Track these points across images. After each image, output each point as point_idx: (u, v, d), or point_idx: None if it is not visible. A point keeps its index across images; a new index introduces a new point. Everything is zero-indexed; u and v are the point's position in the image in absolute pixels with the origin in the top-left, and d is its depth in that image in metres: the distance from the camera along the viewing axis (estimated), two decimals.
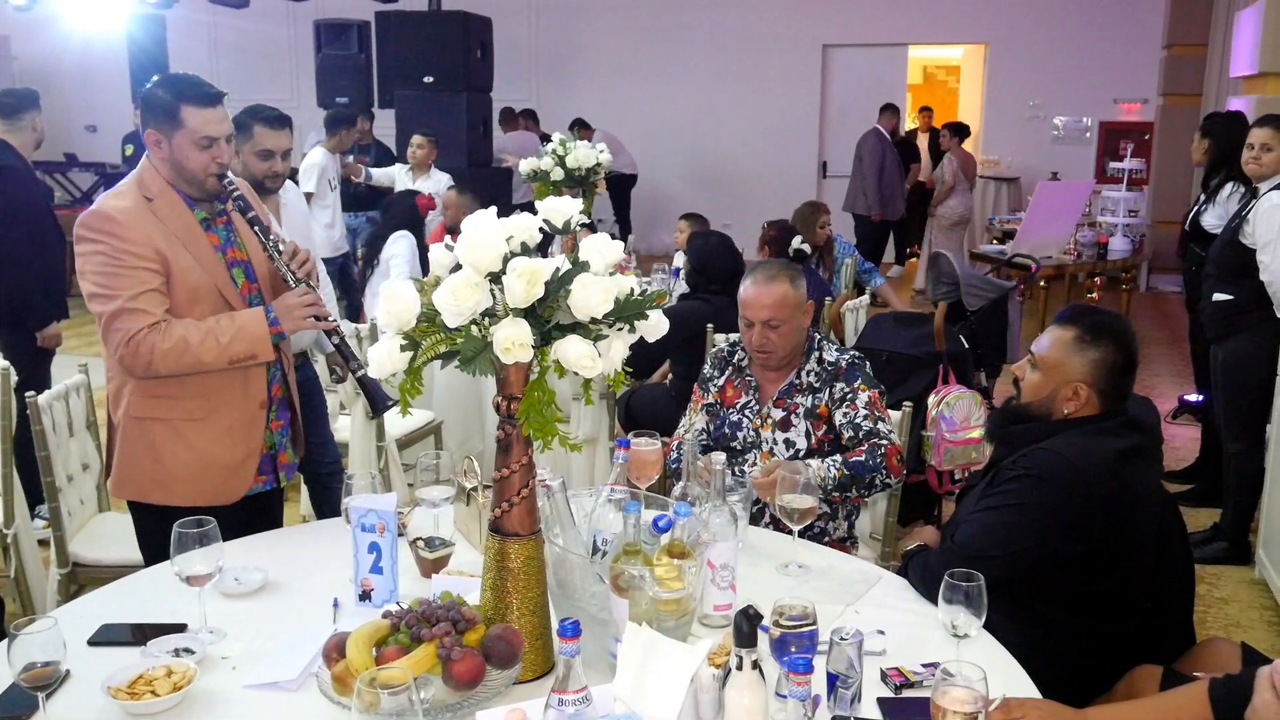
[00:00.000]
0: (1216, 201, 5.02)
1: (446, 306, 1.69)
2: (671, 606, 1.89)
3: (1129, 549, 2.26)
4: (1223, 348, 4.43)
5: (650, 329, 1.81)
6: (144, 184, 2.62)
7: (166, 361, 2.50)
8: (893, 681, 1.90)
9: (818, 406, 2.94)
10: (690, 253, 4.91)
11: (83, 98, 13.21)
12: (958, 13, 11.71)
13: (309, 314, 2.64)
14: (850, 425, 2.88)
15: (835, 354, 3.00)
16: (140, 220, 2.55)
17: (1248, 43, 6.23)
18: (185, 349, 2.51)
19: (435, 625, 1.75)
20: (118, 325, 2.50)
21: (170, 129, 2.57)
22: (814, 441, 2.93)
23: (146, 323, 2.49)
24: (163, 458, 2.65)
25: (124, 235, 2.51)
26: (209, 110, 2.59)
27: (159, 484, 2.67)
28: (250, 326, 2.58)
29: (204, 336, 2.53)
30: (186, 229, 2.63)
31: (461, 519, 2.53)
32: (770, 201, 10.90)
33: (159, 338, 2.49)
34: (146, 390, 2.62)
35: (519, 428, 1.80)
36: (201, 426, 2.66)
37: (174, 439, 2.64)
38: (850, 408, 2.90)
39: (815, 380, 2.97)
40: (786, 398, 2.98)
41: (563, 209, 1.86)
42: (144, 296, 2.51)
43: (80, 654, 1.95)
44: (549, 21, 12.82)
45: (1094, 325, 2.34)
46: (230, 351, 2.55)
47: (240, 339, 2.55)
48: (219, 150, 2.61)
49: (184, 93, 2.58)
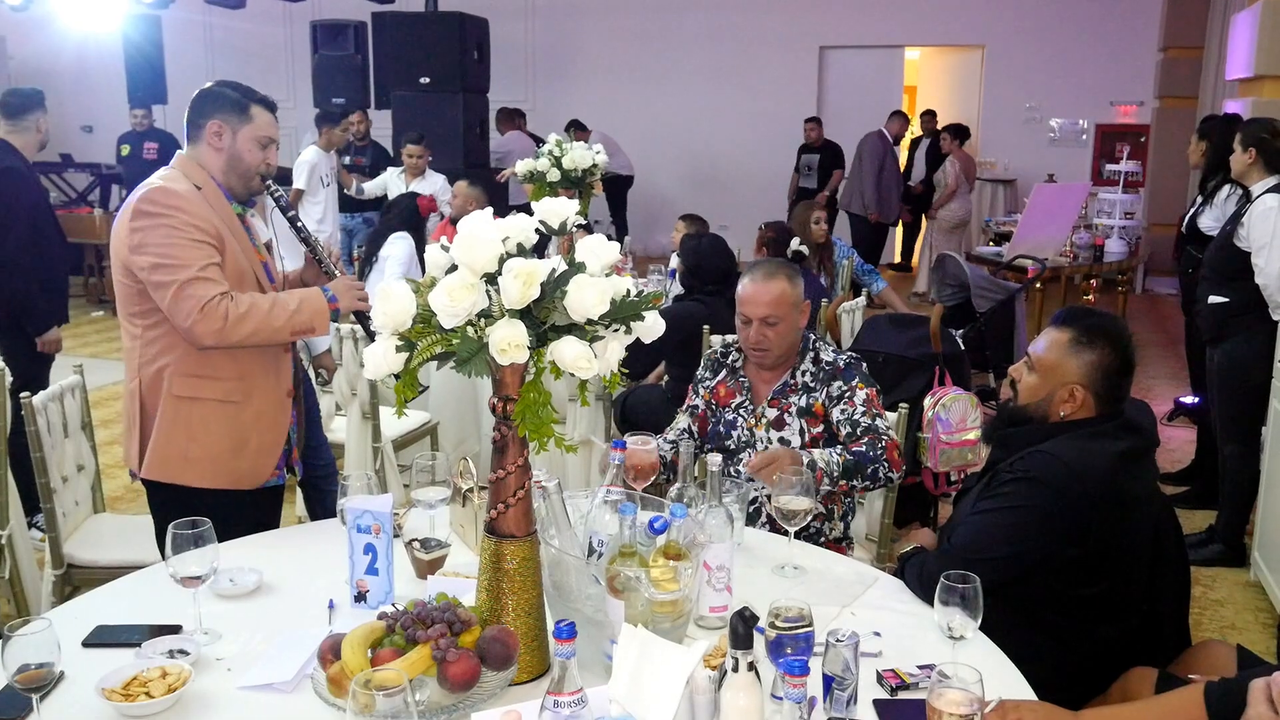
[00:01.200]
0: (1214, 204, 5.03)
1: (442, 307, 1.68)
2: (667, 608, 1.88)
3: (1125, 552, 2.26)
4: (1218, 350, 4.43)
5: (646, 330, 1.81)
6: (190, 175, 2.74)
7: (240, 327, 2.60)
8: (888, 683, 1.90)
9: (813, 405, 2.94)
10: (683, 254, 4.92)
11: (79, 98, 13.20)
12: (954, 15, 11.73)
13: (361, 296, 2.84)
14: (849, 422, 2.88)
15: (832, 354, 3.01)
16: (197, 201, 2.68)
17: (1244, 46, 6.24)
18: (258, 315, 2.63)
19: (431, 627, 1.75)
20: (190, 292, 2.57)
21: (239, 122, 2.75)
22: (808, 439, 2.93)
23: (218, 291, 2.59)
24: (199, 437, 2.74)
25: (190, 210, 2.63)
26: (270, 114, 2.82)
27: (192, 463, 2.75)
28: (312, 299, 2.75)
29: (273, 304, 2.67)
30: (229, 219, 2.77)
31: (457, 520, 2.52)
32: (766, 203, 10.92)
33: (231, 304, 2.60)
34: (190, 369, 2.71)
35: (515, 429, 1.80)
36: (238, 409, 2.77)
37: (212, 419, 2.75)
38: (849, 404, 2.90)
39: (811, 380, 2.97)
40: (781, 397, 2.98)
41: (559, 210, 1.86)
42: (212, 268, 2.62)
43: (75, 655, 1.94)
44: (546, 23, 12.82)
45: (1090, 327, 2.34)
46: (295, 321, 2.69)
47: (304, 310, 2.71)
48: (272, 153, 2.81)
49: (252, 94, 2.80)
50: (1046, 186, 8.44)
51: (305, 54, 10.78)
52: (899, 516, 3.34)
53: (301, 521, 4.02)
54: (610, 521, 2.06)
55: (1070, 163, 11.40)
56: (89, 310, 9.86)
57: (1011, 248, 7.58)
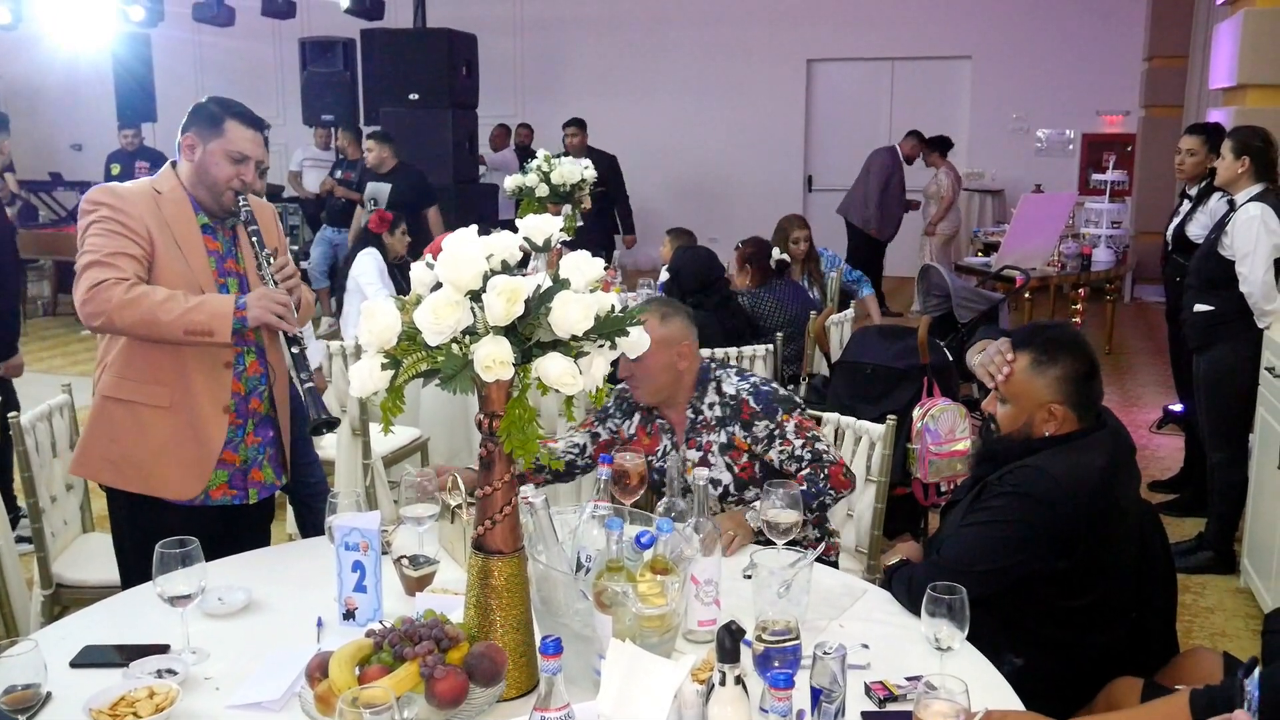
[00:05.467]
0: (1204, 210, 5.03)
1: (427, 325, 1.69)
2: (655, 623, 1.89)
3: (1113, 563, 2.27)
4: (1204, 358, 4.45)
5: (631, 346, 1.82)
6: (157, 180, 2.74)
7: (125, 313, 2.51)
8: (876, 695, 1.91)
9: (732, 439, 2.83)
10: (670, 262, 4.99)
11: (68, 116, 13.20)
12: (941, 27, 11.79)
13: (277, 310, 2.61)
14: (792, 460, 2.79)
15: (735, 385, 2.86)
16: (139, 200, 2.65)
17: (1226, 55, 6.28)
18: (148, 303, 2.51)
19: (418, 644, 1.75)
20: (87, 275, 2.54)
21: (209, 136, 2.71)
22: (739, 471, 2.85)
23: (114, 275, 2.53)
24: (119, 438, 2.69)
25: (119, 206, 2.62)
26: (250, 130, 2.75)
27: (112, 465, 2.71)
28: (215, 303, 2.59)
29: (167, 297, 2.54)
30: (185, 227, 2.71)
31: (446, 536, 2.53)
32: (756, 216, 10.92)
33: (122, 290, 2.51)
34: (119, 370, 2.68)
35: (501, 445, 1.80)
36: (162, 415, 2.68)
37: (133, 423, 2.68)
38: (784, 444, 2.79)
39: (721, 412, 2.84)
40: (695, 436, 2.87)
41: (543, 227, 1.87)
42: (121, 257, 2.56)
43: (62, 676, 1.94)
44: (534, 38, 12.86)
45: (1047, 343, 2.33)
46: (188, 319, 2.52)
47: (202, 310, 2.54)
48: (246, 169, 2.72)
49: (232, 108, 2.75)
50: (1033, 197, 8.48)
51: (294, 71, 10.81)
52: (889, 528, 3.34)
53: (292, 539, 4.01)
54: (598, 536, 2.06)
55: (1057, 172, 11.45)
56: (78, 329, 9.82)
57: (999, 258, 7.61)
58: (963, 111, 12.10)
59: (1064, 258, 7.89)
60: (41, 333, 9.60)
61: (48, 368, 8.21)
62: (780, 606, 2.07)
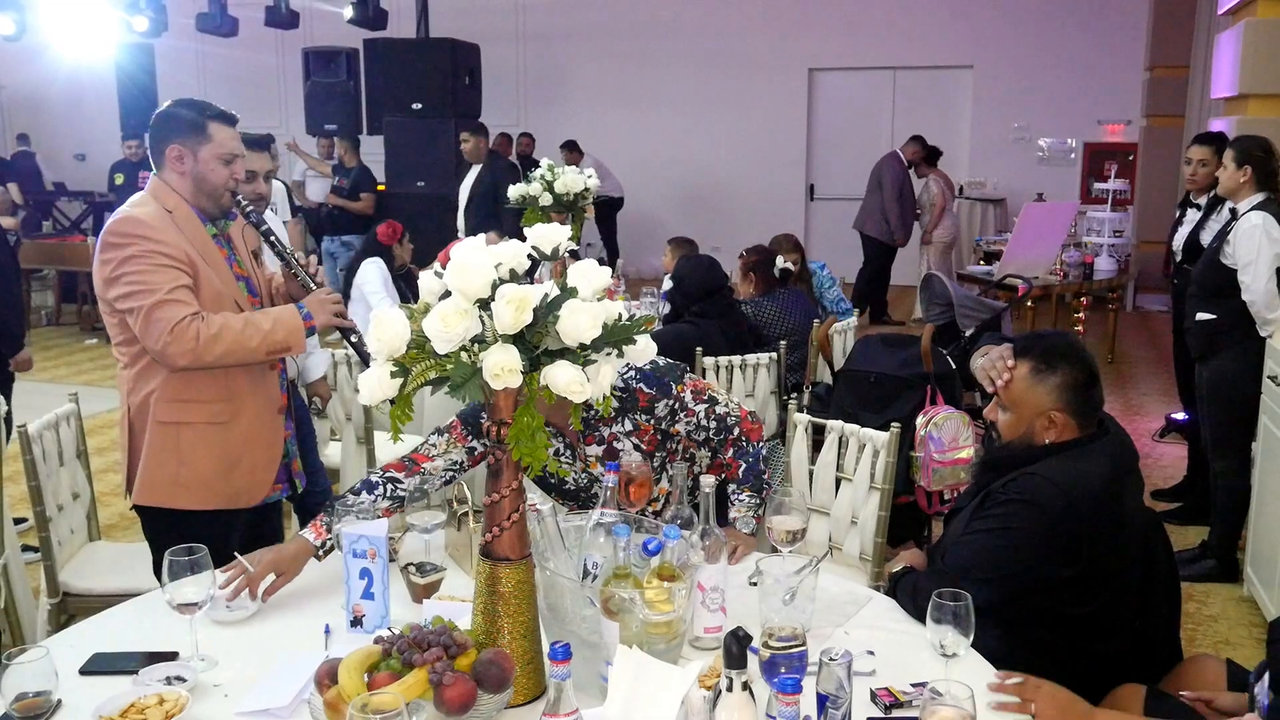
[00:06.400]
0: (1217, 218, 5.02)
1: (436, 333, 1.70)
2: (662, 629, 1.90)
3: (1118, 570, 2.28)
4: (1207, 367, 4.46)
5: (638, 354, 1.83)
6: (160, 199, 2.71)
7: (212, 348, 2.57)
8: (882, 701, 1.92)
9: (638, 425, 2.71)
10: (673, 270, 5.00)
11: (72, 127, 13.25)
12: (943, 37, 11.83)
13: (337, 310, 2.78)
14: (700, 429, 2.72)
15: (621, 376, 2.70)
16: (165, 227, 2.65)
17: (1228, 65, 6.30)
18: (230, 335, 2.59)
19: (427, 650, 1.76)
20: (159, 315, 2.56)
21: (197, 143, 2.69)
22: (646, 445, 2.73)
23: (187, 312, 2.57)
24: (189, 460, 2.73)
25: (156, 237, 2.61)
26: (231, 128, 2.75)
27: (184, 487, 2.74)
28: (286, 318, 2.70)
29: (245, 323, 2.63)
30: (203, 242, 2.73)
31: (453, 544, 2.54)
32: (758, 225, 10.93)
33: (203, 325, 2.57)
34: (174, 394, 2.70)
35: (509, 453, 1.82)
36: (227, 429, 2.75)
37: (201, 442, 2.73)
38: (688, 414, 2.71)
39: (616, 404, 2.70)
40: (593, 432, 2.72)
41: (551, 236, 1.88)
42: (181, 290, 2.59)
43: (72, 683, 1.95)
44: (536, 48, 12.91)
45: (1045, 351, 2.35)
46: (270, 340, 2.65)
47: (279, 328, 2.66)
48: (237, 167, 2.74)
49: (208, 110, 2.73)
50: (1035, 206, 8.49)
51: (298, 81, 10.85)
52: (893, 536, 3.35)
53: None
54: (605, 544, 2.07)
55: (1059, 182, 11.47)
56: (83, 338, 9.86)
57: (1001, 267, 7.62)
58: (964, 121, 12.13)
59: (1066, 267, 7.90)
60: (45, 342, 9.62)
61: (52, 377, 8.22)
62: (786, 613, 2.08)
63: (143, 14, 9.91)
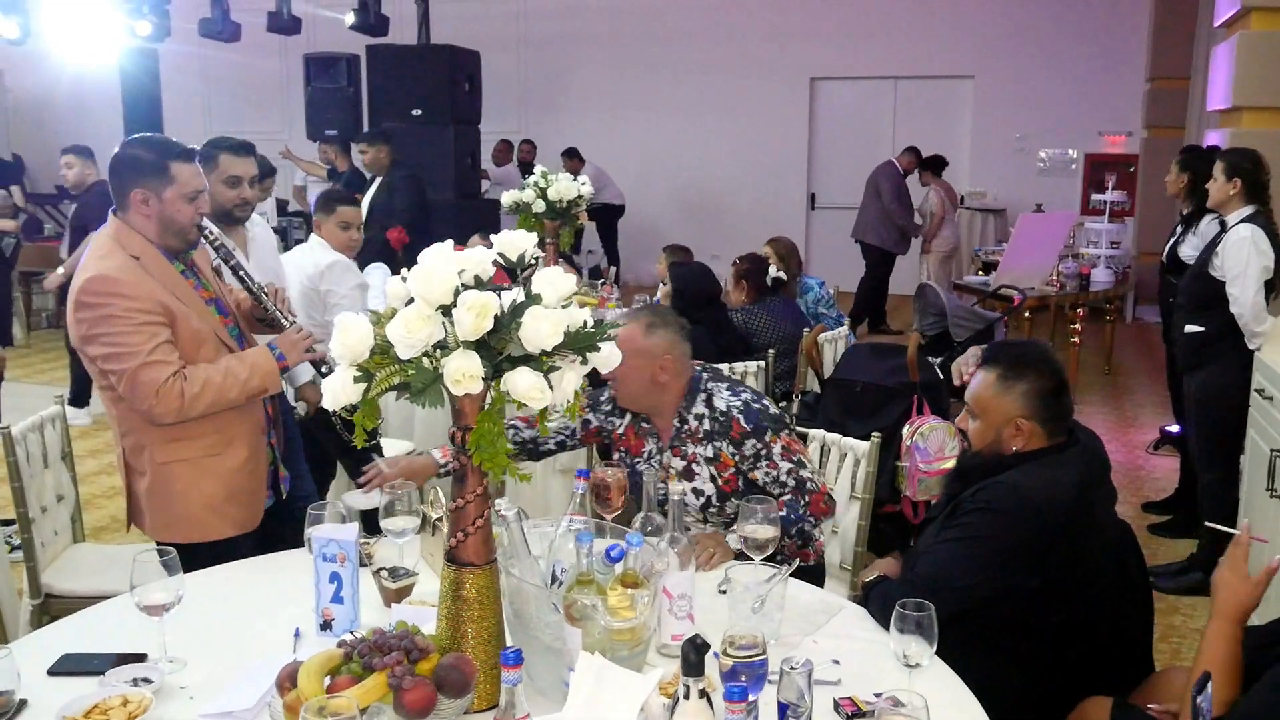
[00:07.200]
0: (1196, 233, 5.06)
1: (399, 338, 1.71)
2: (625, 636, 1.90)
3: (1086, 580, 2.28)
4: (1195, 379, 4.46)
5: (602, 361, 1.84)
6: (125, 245, 2.69)
7: (197, 405, 2.65)
8: (845, 711, 1.92)
9: (719, 455, 2.80)
10: (672, 278, 5.02)
11: (75, 130, 13.24)
12: (944, 47, 11.83)
13: (306, 346, 2.87)
14: (775, 484, 2.78)
15: (727, 400, 2.81)
16: (139, 278, 2.65)
17: (1222, 77, 6.30)
18: (212, 390, 2.66)
19: (388, 654, 1.77)
20: (143, 379, 2.60)
21: (160, 185, 2.68)
22: (723, 484, 2.82)
23: (169, 373, 2.61)
24: (191, 495, 2.78)
25: (129, 294, 2.61)
26: (192, 165, 2.75)
27: (192, 521, 2.79)
28: (261, 363, 2.77)
29: (224, 377, 2.69)
30: (173, 282, 2.75)
31: (427, 548, 2.54)
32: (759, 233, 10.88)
33: (185, 384, 2.63)
34: (166, 435, 2.73)
35: (472, 458, 1.82)
36: (221, 460, 2.81)
37: (199, 476, 2.78)
38: (770, 466, 2.77)
39: (710, 426, 2.80)
40: (680, 446, 2.84)
41: (517, 243, 1.89)
42: (160, 349, 2.62)
43: (39, 683, 1.96)
44: (537, 54, 12.93)
45: (1013, 360, 2.37)
46: (249, 387, 2.74)
47: (255, 375, 2.75)
48: (201, 202, 2.76)
49: (169, 149, 2.73)
50: (1032, 216, 8.50)
51: (299, 86, 10.86)
52: (880, 546, 3.35)
53: None
54: (573, 550, 2.08)
55: (1059, 192, 11.46)
56: None
57: (996, 277, 7.63)
58: (965, 130, 12.13)
59: (1063, 277, 7.89)
60: (44, 345, 9.64)
61: (50, 379, 8.25)
62: (753, 622, 2.08)
63: (146, 19, 9.92)
